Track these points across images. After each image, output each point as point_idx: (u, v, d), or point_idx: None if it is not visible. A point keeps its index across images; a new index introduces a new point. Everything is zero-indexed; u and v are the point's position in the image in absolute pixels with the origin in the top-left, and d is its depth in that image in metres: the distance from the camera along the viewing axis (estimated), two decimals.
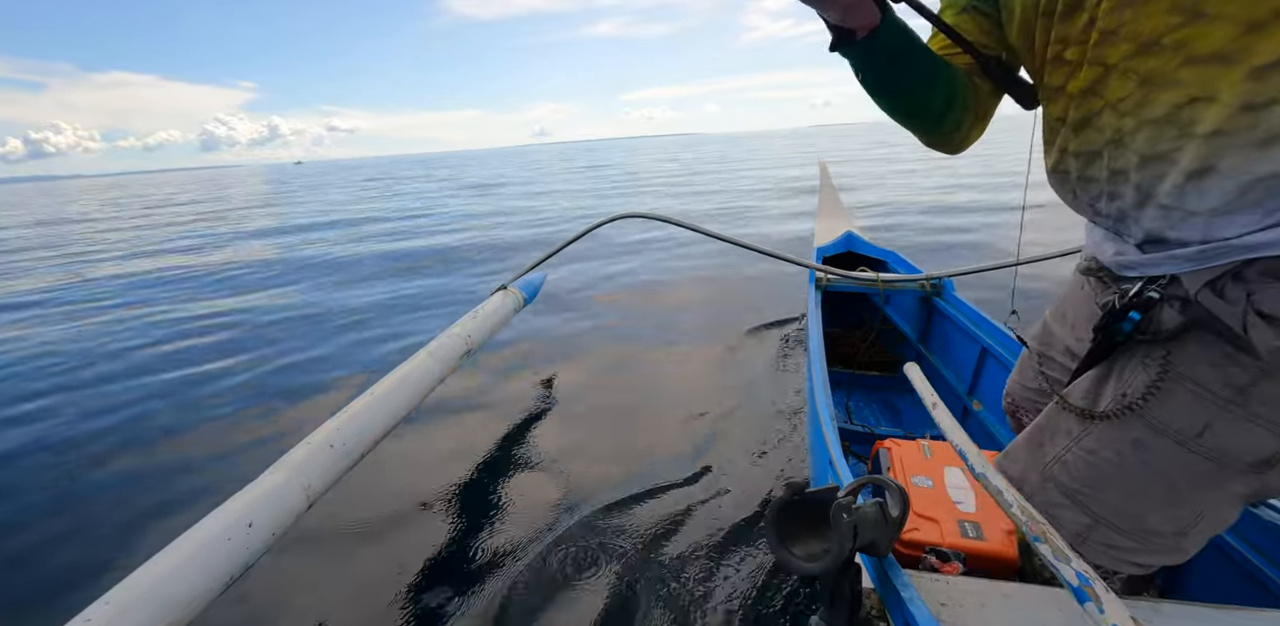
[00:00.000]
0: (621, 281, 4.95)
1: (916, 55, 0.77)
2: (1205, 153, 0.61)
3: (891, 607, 0.70)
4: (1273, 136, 0.57)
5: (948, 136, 0.86)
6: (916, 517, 1.10)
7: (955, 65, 0.82)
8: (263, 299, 5.05)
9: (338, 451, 1.37)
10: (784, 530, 0.74)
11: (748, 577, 1.58)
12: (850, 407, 2.32)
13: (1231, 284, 0.63)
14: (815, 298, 2.27)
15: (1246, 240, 0.61)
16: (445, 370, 1.90)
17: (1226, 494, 0.71)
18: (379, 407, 1.57)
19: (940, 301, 2.35)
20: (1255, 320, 0.61)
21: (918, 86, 0.79)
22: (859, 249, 2.98)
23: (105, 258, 8.11)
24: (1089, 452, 0.77)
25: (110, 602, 0.90)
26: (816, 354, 1.75)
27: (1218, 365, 0.67)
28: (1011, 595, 0.73)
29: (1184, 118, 0.62)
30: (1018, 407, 1.12)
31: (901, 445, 1.35)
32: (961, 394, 2.07)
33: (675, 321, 3.85)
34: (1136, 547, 0.75)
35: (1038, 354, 1.03)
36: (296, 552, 1.78)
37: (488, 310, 2.31)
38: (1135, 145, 0.66)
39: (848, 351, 2.67)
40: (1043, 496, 0.81)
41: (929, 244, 5.60)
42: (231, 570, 1.05)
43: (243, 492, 1.19)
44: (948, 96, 0.80)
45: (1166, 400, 0.71)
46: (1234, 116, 0.59)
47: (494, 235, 7.88)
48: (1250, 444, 0.67)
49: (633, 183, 15.95)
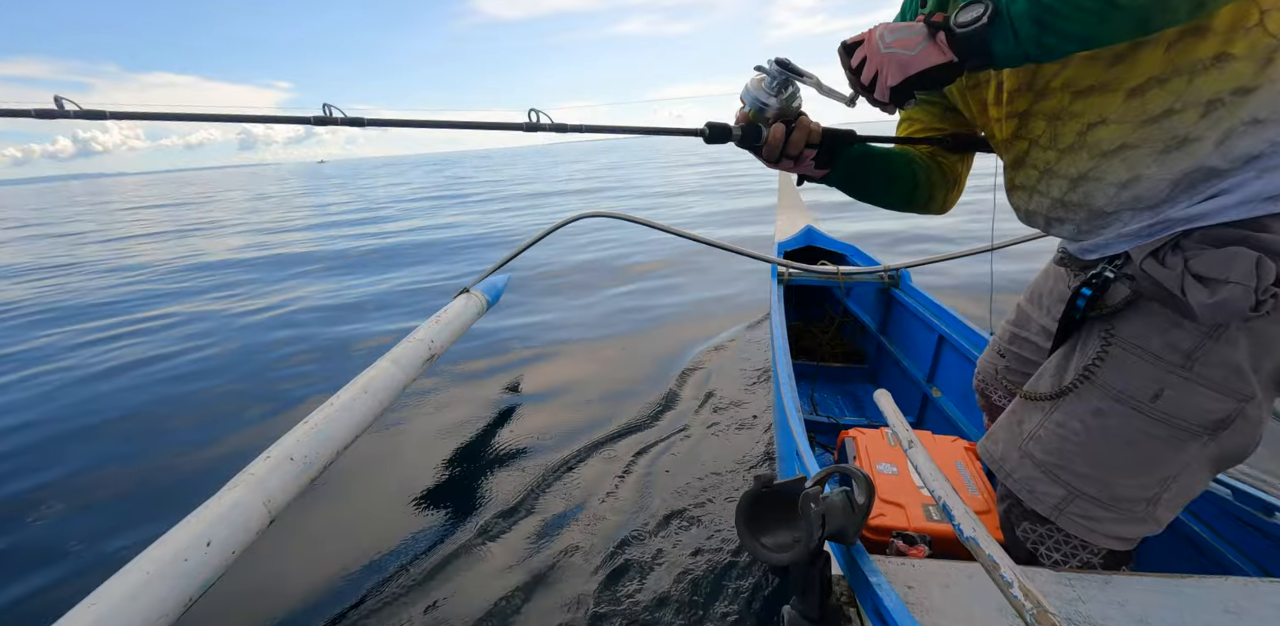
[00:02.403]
0: (579, 280, 4.94)
1: (871, 171, 0.95)
2: (1123, 166, 0.71)
3: (860, 593, 0.72)
4: (1179, 140, 0.68)
5: (922, 207, 1.02)
6: (882, 503, 1.12)
7: (915, 155, 0.99)
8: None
9: (299, 464, 1.34)
10: (754, 522, 0.75)
11: (718, 569, 1.59)
12: (815, 399, 2.36)
13: (1171, 253, 0.70)
14: (778, 292, 2.30)
15: (1183, 213, 0.69)
16: (408, 377, 1.87)
17: (1190, 459, 0.75)
18: (341, 418, 1.53)
19: (899, 292, 2.41)
20: (1191, 281, 0.67)
21: (878, 188, 0.98)
22: (819, 243, 3.03)
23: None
24: (1058, 426, 0.81)
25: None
26: (780, 347, 1.77)
27: (1163, 331, 0.73)
28: (975, 575, 0.75)
29: (1089, 141, 0.74)
30: (987, 386, 1.16)
31: (866, 434, 1.38)
32: (921, 381, 2.13)
33: (636, 318, 3.85)
34: (1113, 517, 0.78)
35: (1012, 335, 1.09)
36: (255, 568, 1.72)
37: (450, 314, 2.28)
38: (1063, 171, 0.78)
39: (811, 344, 2.71)
40: (1021, 473, 0.84)
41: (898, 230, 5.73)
42: (190, 592, 1.02)
43: (200, 510, 1.15)
44: (910, 186, 0.98)
45: (1118, 367, 0.76)
46: (1133, 131, 0.70)
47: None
48: (1201, 406, 0.72)
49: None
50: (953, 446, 1.33)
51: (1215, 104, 0.65)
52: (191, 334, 4.11)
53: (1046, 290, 1.03)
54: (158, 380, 3.29)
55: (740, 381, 2.77)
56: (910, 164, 0.98)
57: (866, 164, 0.95)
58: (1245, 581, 0.73)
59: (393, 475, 2.20)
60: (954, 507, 0.64)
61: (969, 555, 1.01)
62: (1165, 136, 0.68)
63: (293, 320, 4.30)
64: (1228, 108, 0.65)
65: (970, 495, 1.16)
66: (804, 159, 0.88)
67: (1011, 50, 0.66)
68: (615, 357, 3.24)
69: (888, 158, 0.97)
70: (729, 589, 1.53)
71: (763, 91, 0.85)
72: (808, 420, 2.10)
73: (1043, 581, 0.73)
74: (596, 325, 3.82)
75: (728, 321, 3.62)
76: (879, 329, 2.54)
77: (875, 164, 0.96)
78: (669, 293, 4.47)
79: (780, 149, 0.86)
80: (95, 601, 0.92)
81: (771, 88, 0.85)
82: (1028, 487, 0.83)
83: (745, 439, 2.26)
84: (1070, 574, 0.75)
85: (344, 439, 1.50)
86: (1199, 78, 0.66)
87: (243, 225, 11.55)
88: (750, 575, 1.57)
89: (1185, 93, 0.67)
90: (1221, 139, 0.66)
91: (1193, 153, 0.67)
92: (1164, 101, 0.68)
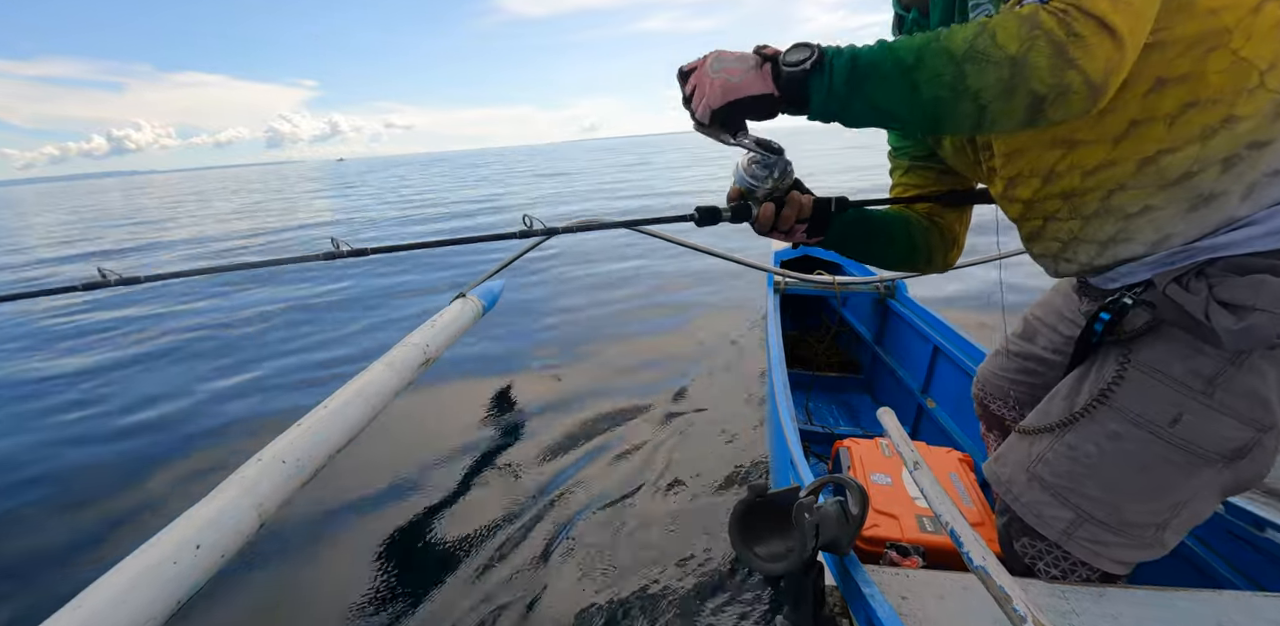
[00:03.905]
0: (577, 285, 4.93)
1: (865, 235, 0.96)
2: (1150, 227, 0.71)
3: (854, 603, 0.71)
4: (1204, 198, 0.67)
5: (923, 267, 1.04)
6: (876, 514, 1.12)
7: (911, 217, 1.00)
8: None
9: (290, 467, 1.33)
10: (747, 531, 0.74)
11: (711, 579, 1.58)
12: (810, 409, 2.36)
13: (1194, 279, 0.69)
14: (774, 301, 2.30)
15: (1208, 243, 0.68)
16: (402, 381, 1.86)
17: (1202, 486, 0.74)
18: (333, 421, 1.52)
19: (894, 303, 2.41)
20: (1216, 308, 0.67)
21: (874, 251, 1.00)
22: (815, 252, 3.04)
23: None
24: (1070, 448, 0.80)
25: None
26: (776, 356, 1.77)
27: (1185, 357, 0.72)
28: (969, 586, 0.75)
29: (1113, 206, 0.73)
30: (987, 395, 1.16)
31: (860, 444, 1.38)
32: (916, 392, 2.13)
33: (631, 325, 3.85)
34: (1121, 542, 0.77)
35: (1020, 347, 1.09)
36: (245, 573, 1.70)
37: (446, 319, 2.27)
38: (1089, 237, 0.77)
39: (807, 354, 2.71)
40: (1029, 496, 0.83)
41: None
42: (178, 595, 1.00)
43: (190, 513, 1.14)
44: (908, 248, 0.99)
45: (1136, 391, 0.75)
46: (1155, 195, 0.70)
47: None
48: (1221, 434, 0.71)
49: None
50: (947, 457, 1.33)
51: (1234, 160, 0.65)
52: None
53: (1057, 307, 1.03)
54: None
55: (735, 390, 2.77)
56: (907, 226, 0.99)
57: (860, 229, 0.96)
58: (1238, 595, 0.73)
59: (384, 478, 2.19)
60: (962, 534, 0.62)
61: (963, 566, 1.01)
62: (1190, 196, 0.68)
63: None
64: (1247, 162, 0.65)
65: (965, 507, 1.16)
66: (795, 231, 0.89)
67: (823, 103, 0.68)
68: (608, 364, 3.24)
69: (884, 220, 0.98)
70: (722, 599, 1.53)
71: (753, 173, 0.86)
72: (802, 430, 2.09)
73: (1037, 593, 0.73)
74: (589, 332, 3.81)
75: (724, 329, 3.62)
76: (874, 339, 2.54)
77: (870, 227, 0.97)
78: (666, 300, 4.47)
79: (771, 225, 0.87)
80: (80, 604, 0.91)
81: (762, 172, 0.86)
82: (1035, 512, 0.82)
83: (739, 448, 2.25)
84: (1064, 586, 0.75)
85: (337, 442, 1.49)
86: (1210, 140, 0.66)
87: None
88: (744, 585, 1.56)
89: (1200, 156, 0.66)
90: (1247, 192, 0.66)
91: (1220, 207, 0.67)
92: (1180, 166, 0.68)
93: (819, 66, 0.66)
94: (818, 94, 0.68)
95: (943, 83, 0.62)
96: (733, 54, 0.73)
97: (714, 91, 0.72)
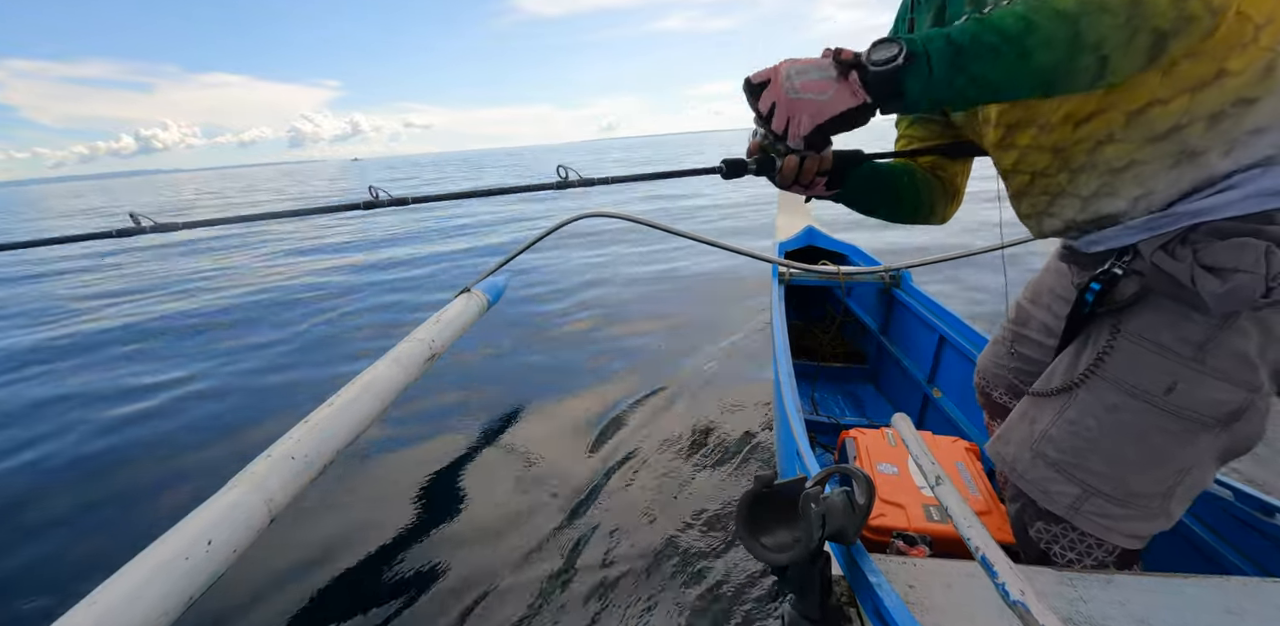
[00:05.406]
0: (580, 278, 4.93)
1: (877, 189, 0.96)
2: (1134, 182, 0.72)
3: (861, 593, 0.72)
4: (1188, 154, 0.68)
5: (924, 219, 1.04)
6: (883, 504, 1.12)
7: (916, 169, 1.01)
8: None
9: (299, 463, 1.34)
10: (754, 522, 0.74)
11: (718, 570, 1.59)
12: (815, 399, 2.36)
13: (1180, 246, 0.70)
14: (778, 292, 2.29)
15: (1190, 207, 0.69)
16: (409, 377, 1.87)
17: (1202, 451, 0.76)
18: (341, 417, 1.53)
19: (899, 293, 2.40)
20: (1201, 272, 0.68)
21: (883, 205, 1.00)
22: (820, 243, 3.02)
23: None
24: (1071, 423, 0.81)
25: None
26: (781, 347, 1.77)
27: (1174, 324, 0.73)
28: (976, 574, 0.75)
29: (1099, 159, 0.75)
30: (988, 383, 1.16)
31: (866, 434, 1.38)
32: (922, 382, 2.12)
33: (639, 318, 3.85)
34: (1129, 514, 0.78)
35: (1013, 333, 1.08)
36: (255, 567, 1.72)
37: (451, 314, 2.27)
38: (1074, 191, 0.79)
39: (812, 344, 2.71)
40: (1034, 474, 0.84)
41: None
42: (191, 591, 1.01)
43: (200, 509, 1.15)
44: (914, 201, 1.00)
45: (1128, 361, 0.77)
46: (1140, 148, 0.71)
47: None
48: (1215, 398, 0.73)
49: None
50: (954, 447, 1.33)
51: (1220, 116, 0.66)
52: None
53: (1048, 287, 1.03)
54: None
55: (740, 381, 2.77)
56: (913, 178, 1.00)
57: (873, 182, 0.96)
58: (1246, 581, 0.73)
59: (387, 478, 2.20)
60: (982, 547, 0.59)
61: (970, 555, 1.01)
62: (1174, 151, 0.69)
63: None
64: (1232, 119, 0.66)
65: (971, 496, 1.16)
66: (816, 184, 0.88)
67: (922, 92, 0.66)
68: (613, 356, 3.24)
69: (891, 173, 0.98)
70: (728, 589, 1.53)
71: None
72: (808, 420, 2.10)
73: (1044, 581, 0.73)
74: (591, 326, 3.82)
75: (729, 320, 3.61)
76: (880, 329, 2.53)
77: (881, 181, 0.97)
78: (669, 290, 4.46)
79: (793, 178, 0.86)
80: (95, 600, 0.92)
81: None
82: (1041, 488, 0.83)
83: (745, 439, 2.26)
84: (1072, 573, 0.75)
85: (345, 438, 1.50)
86: (1200, 94, 0.67)
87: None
88: (750, 575, 1.57)
89: (1189, 109, 0.67)
90: (1228, 149, 0.66)
91: (1202, 164, 0.68)
92: (1169, 120, 0.68)
93: (913, 58, 0.64)
94: (916, 84, 0.65)
95: (1058, 42, 0.61)
96: (808, 62, 0.70)
97: (803, 118, 0.70)
